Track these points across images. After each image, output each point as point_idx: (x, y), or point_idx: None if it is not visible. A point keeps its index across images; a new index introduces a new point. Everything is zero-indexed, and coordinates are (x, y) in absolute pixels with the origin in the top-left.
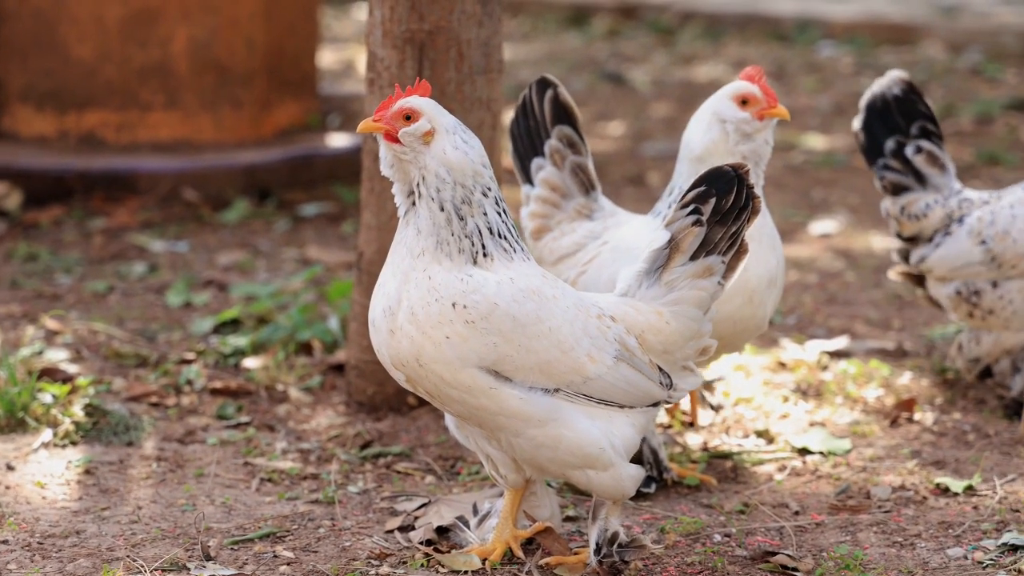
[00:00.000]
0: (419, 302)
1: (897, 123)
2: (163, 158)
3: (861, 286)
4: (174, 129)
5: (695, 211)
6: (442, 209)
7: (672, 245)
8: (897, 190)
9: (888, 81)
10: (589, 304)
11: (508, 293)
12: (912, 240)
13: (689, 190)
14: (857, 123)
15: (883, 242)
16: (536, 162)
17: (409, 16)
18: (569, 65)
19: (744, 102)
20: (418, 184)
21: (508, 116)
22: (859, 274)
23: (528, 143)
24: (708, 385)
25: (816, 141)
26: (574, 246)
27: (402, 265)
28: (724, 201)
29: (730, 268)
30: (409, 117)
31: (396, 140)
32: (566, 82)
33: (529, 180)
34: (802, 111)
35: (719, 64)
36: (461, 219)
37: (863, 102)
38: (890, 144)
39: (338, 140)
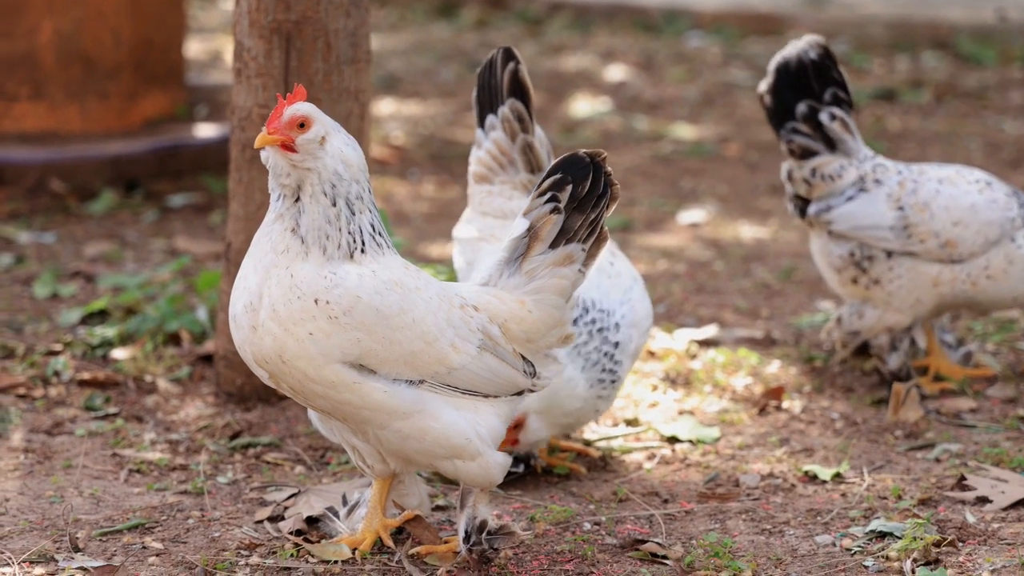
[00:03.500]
0: (280, 299)
1: (811, 87)
2: (29, 149)
3: (730, 275)
4: (40, 120)
5: (552, 199)
6: (334, 204)
7: (531, 234)
8: (805, 154)
9: (804, 44)
10: (452, 294)
11: (370, 285)
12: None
13: (545, 178)
14: (764, 85)
15: (751, 231)
16: (491, 119)
17: (276, 6)
18: (438, 55)
19: None
20: (311, 184)
21: (375, 107)
22: (728, 263)
23: (487, 97)
24: None
25: (684, 131)
26: (500, 212)
27: (264, 260)
28: (580, 188)
29: (590, 255)
30: (303, 124)
31: (293, 149)
32: (435, 72)
33: (483, 128)
34: (670, 101)
35: (588, 54)
36: (352, 214)
37: (773, 64)
38: (802, 108)
39: (206, 131)
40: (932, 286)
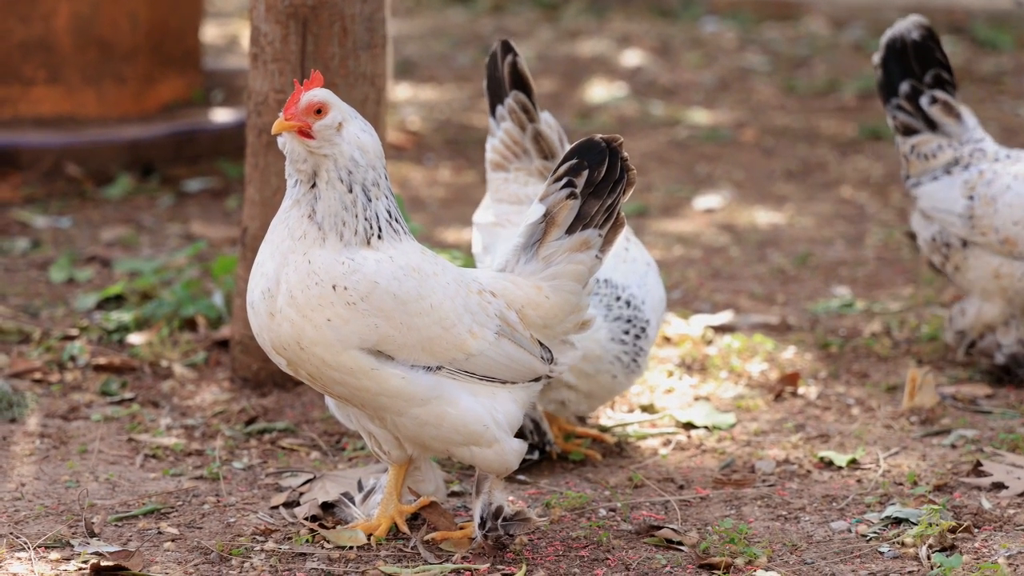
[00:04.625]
0: (298, 285)
1: (912, 68)
2: (46, 133)
3: (745, 261)
4: (57, 104)
5: (568, 184)
6: (350, 190)
7: (547, 219)
8: (908, 131)
9: (908, 24)
10: (469, 280)
11: (388, 271)
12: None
13: (561, 163)
14: (876, 58)
15: (767, 217)
16: (500, 109)
17: None
18: (454, 40)
19: None
20: (327, 170)
21: (391, 92)
22: (743, 249)
23: (496, 87)
24: None
25: (700, 116)
26: (515, 198)
27: (281, 246)
28: (596, 173)
29: (607, 241)
30: (320, 111)
31: (310, 136)
32: (451, 57)
33: (495, 117)
34: (686, 87)
35: (603, 39)
36: (368, 200)
37: (884, 39)
38: (904, 87)
39: (222, 115)
40: (994, 278)
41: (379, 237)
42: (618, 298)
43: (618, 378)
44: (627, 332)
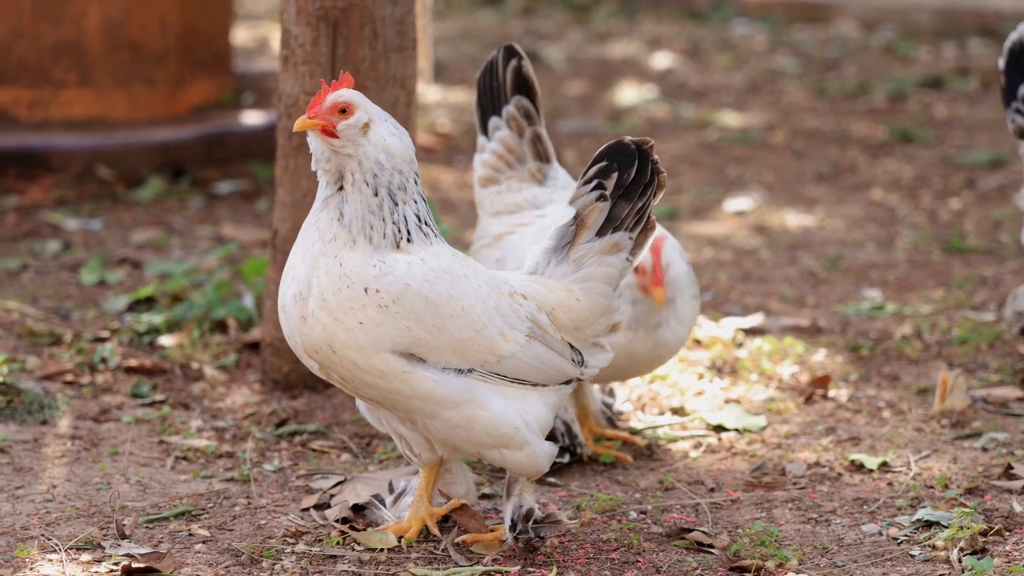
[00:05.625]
0: (330, 288)
1: None
2: (76, 136)
3: (776, 263)
4: (87, 107)
5: (598, 186)
6: (376, 194)
7: (578, 221)
8: (1022, 135)
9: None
10: (501, 282)
11: (419, 273)
12: None
13: (591, 165)
14: (1001, 63)
15: (798, 219)
16: (494, 121)
17: None
18: (484, 43)
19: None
20: (352, 172)
21: (422, 94)
22: (774, 251)
23: (489, 101)
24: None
25: (731, 118)
26: (513, 206)
27: (312, 249)
28: (626, 175)
29: (638, 244)
30: (344, 110)
31: (334, 135)
32: (480, 60)
33: (486, 133)
34: (716, 89)
35: (634, 42)
36: (395, 204)
37: (1007, 44)
38: (1022, 91)
39: (252, 118)
40: None
41: (408, 241)
42: None
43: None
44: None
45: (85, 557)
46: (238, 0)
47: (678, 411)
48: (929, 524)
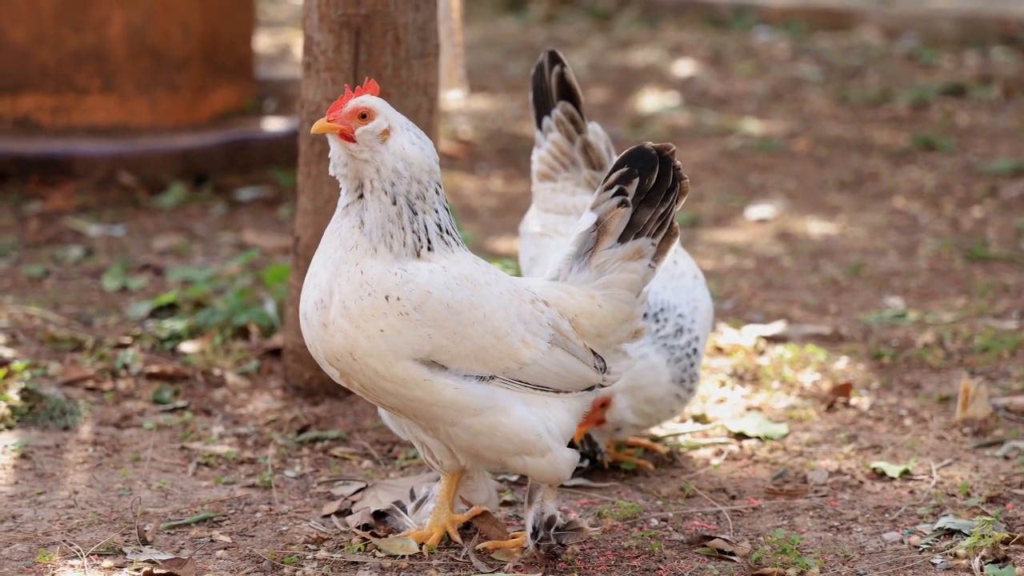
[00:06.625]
0: (351, 296)
1: None
2: (99, 142)
3: (798, 271)
4: (110, 113)
5: (619, 192)
6: (394, 203)
7: (599, 228)
8: None
9: None
10: (522, 289)
11: (441, 281)
12: None
13: (612, 171)
14: None
15: (820, 227)
16: (547, 121)
17: (346, 0)
18: (506, 50)
19: None
20: (371, 180)
21: (443, 101)
22: (796, 259)
23: (542, 99)
24: None
25: (753, 126)
26: (562, 208)
27: (334, 257)
28: (647, 180)
29: (660, 251)
30: (364, 116)
31: (352, 139)
32: (503, 67)
33: (540, 129)
34: (739, 96)
35: (656, 49)
36: (414, 213)
37: None
38: None
39: (274, 124)
40: None
41: (429, 249)
42: (679, 329)
43: (675, 410)
44: (685, 367)
45: (107, 563)
46: (260, 7)
47: (699, 418)
48: (951, 532)
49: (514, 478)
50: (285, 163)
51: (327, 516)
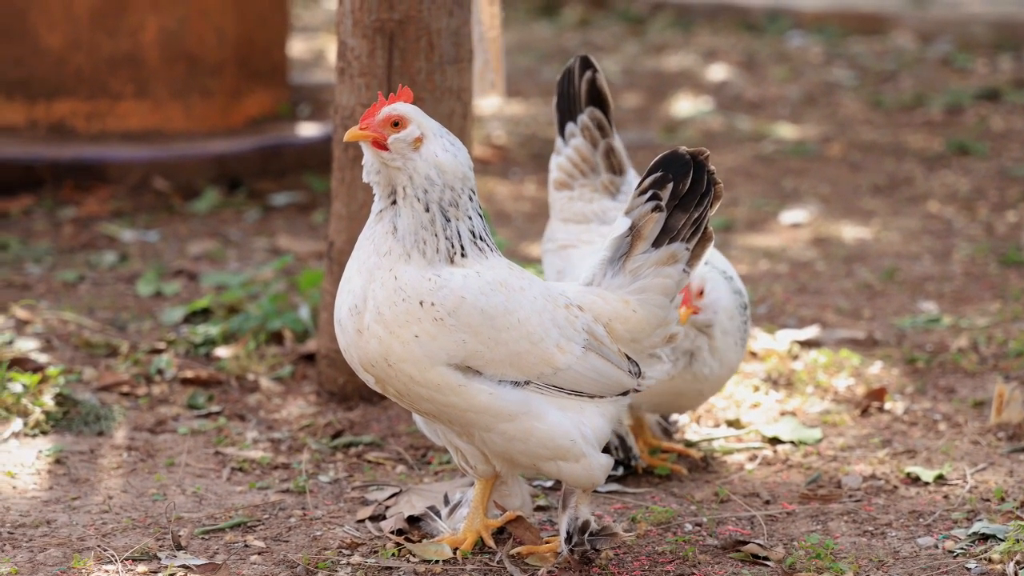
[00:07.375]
0: (385, 301)
1: None
2: (133, 147)
3: (832, 275)
4: (144, 118)
5: (654, 196)
6: (427, 210)
7: (633, 232)
8: None
9: None
10: (556, 294)
11: (475, 286)
12: None
13: (645, 176)
14: None
15: (854, 231)
16: (570, 127)
17: (379, 5)
18: (539, 55)
19: None
20: (403, 187)
21: (477, 106)
22: (830, 263)
23: (567, 106)
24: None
25: (786, 131)
26: (581, 216)
27: (368, 263)
28: (681, 185)
29: (695, 255)
30: (397, 124)
31: (385, 147)
32: (537, 72)
33: (563, 136)
34: (772, 101)
35: (690, 54)
36: (447, 220)
37: None
38: None
39: (308, 129)
40: None
41: (463, 255)
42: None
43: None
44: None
45: (141, 568)
46: (294, 12)
47: (733, 423)
48: (985, 537)
49: (548, 483)
50: (319, 168)
51: (361, 521)
